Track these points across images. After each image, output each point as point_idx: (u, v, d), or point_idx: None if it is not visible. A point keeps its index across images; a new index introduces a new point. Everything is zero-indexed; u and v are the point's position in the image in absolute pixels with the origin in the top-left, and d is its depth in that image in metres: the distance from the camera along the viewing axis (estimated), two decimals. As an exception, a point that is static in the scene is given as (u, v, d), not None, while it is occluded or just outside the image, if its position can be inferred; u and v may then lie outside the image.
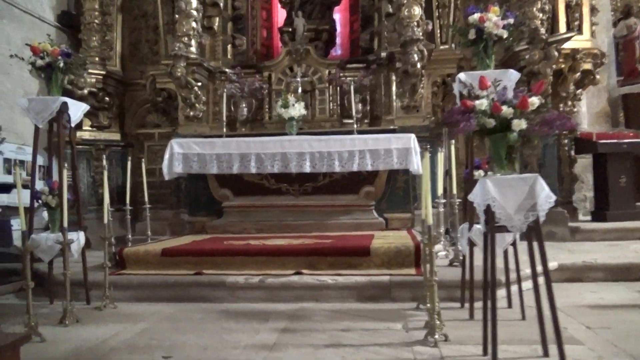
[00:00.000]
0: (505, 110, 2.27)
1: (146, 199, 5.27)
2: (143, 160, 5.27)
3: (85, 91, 6.16)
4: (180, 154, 5.51)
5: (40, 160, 4.82)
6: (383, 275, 3.78)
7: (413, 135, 5.25)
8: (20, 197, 2.83)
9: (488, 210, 2.39)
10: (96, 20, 6.52)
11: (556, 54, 5.36)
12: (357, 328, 2.99)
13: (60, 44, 3.78)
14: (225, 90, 6.02)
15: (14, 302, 4.18)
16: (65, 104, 3.61)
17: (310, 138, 5.41)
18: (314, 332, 2.92)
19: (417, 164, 5.16)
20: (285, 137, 5.48)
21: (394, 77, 6.04)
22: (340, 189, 5.73)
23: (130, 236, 4.95)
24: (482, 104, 2.34)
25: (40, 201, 3.58)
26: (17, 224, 5.65)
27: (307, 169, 5.34)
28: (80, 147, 6.50)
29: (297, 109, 5.59)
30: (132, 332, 3.03)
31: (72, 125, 3.72)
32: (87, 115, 6.50)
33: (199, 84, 6.14)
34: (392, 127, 5.87)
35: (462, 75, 3.12)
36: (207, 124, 6.34)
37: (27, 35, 5.91)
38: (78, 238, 3.67)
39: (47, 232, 3.72)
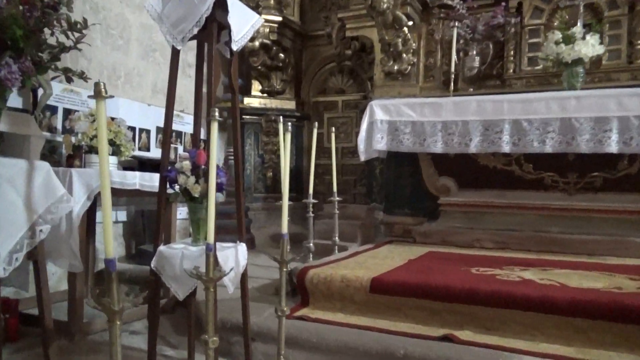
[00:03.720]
0: None
1: (334, 188, 3.55)
2: (333, 133, 3.58)
3: (257, 43, 4.69)
4: (385, 123, 3.62)
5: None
6: None
7: None
8: (107, 190, 1.14)
9: None
10: (270, -47, 5.01)
11: None
12: None
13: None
14: (453, 30, 3.90)
15: (145, 335, 2.73)
16: (222, 4, 1.91)
17: (621, 92, 3.03)
18: None
19: None
20: (567, 93, 3.19)
21: None
22: (657, 185, 3.25)
23: (312, 243, 3.23)
24: None
25: (176, 187, 1.96)
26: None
27: (613, 147, 2.99)
28: (248, 117, 5.09)
29: (591, 45, 3.24)
30: None
31: (236, 48, 2.00)
32: (258, 76, 5.08)
33: (410, 23, 4.17)
34: None
35: None
36: (417, 83, 4.35)
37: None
38: (237, 258, 1.97)
39: (188, 240, 2.10)
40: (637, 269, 2.72)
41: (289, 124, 2.00)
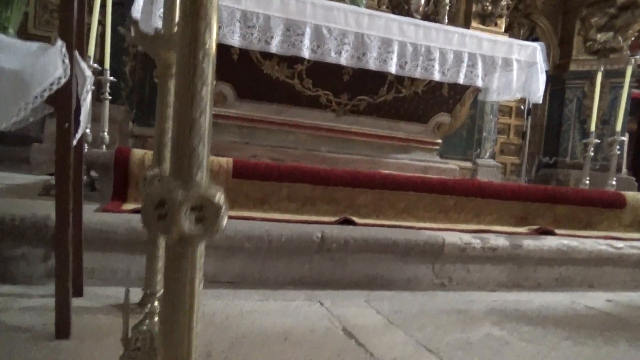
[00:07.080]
0: None
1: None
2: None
3: None
4: (170, -6, 2.79)
5: None
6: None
7: (539, 46, 3.62)
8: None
9: None
10: None
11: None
12: None
13: None
14: None
15: None
16: None
17: (402, 19, 3.31)
18: None
19: (542, 89, 3.58)
20: (362, 10, 3.26)
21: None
22: (404, 113, 3.77)
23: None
24: None
25: None
26: None
27: (393, 68, 3.24)
28: None
29: (377, -31, 3.41)
30: None
31: None
32: None
33: None
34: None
35: None
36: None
37: None
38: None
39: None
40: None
41: None
